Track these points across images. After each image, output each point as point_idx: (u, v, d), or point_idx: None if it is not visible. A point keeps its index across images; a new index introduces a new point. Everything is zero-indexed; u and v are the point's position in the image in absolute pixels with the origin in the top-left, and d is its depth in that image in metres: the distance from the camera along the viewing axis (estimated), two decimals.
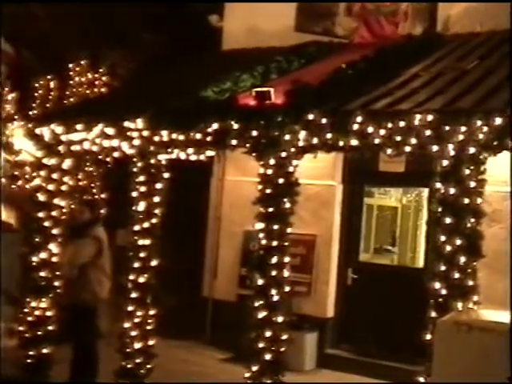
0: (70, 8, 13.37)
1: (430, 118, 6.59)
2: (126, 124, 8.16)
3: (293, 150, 7.38)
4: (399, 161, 8.73)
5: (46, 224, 8.67)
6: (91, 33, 13.37)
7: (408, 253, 9.93)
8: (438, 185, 6.64)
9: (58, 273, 8.62)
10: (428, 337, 6.37)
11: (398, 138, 6.77)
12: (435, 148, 6.64)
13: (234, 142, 7.60)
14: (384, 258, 9.93)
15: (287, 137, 7.27)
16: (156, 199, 8.29)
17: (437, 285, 6.53)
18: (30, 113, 12.60)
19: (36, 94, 13.09)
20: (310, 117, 7.12)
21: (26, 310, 8.68)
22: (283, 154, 7.35)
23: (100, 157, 9.03)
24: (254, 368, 7.29)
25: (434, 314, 6.45)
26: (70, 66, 12.91)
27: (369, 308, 9.42)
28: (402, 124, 6.71)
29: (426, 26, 9.66)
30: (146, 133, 8.08)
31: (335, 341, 9.78)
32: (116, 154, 8.59)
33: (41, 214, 8.68)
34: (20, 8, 13.29)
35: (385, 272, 9.60)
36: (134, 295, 8.19)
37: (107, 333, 8.72)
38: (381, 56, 8.55)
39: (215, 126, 7.59)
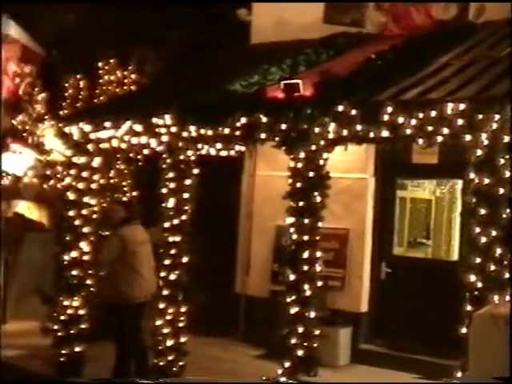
0: (97, 7, 13.39)
1: (462, 106, 6.47)
2: (155, 120, 8.14)
3: (323, 142, 7.30)
4: (432, 152, 8.58)
5: (77, 223, 8.68)
6: (119, 31, 13.36)
7: (442, 246, 9.77)
8: (472, 175, 6.53)
9: (89, 271, 8.64)
10: (464, 330, 6.25)
11: (430, 128, 6.67)
12: (468, 137, 6.53)
13: (262, 135, 7.55)
14: (418, 251, 9.78)
15: (317, 129, 7.19)
16: (186, 195, 8.27)
17: (472, 277, 6.43)
18: (61, 112, 12.63)
19: (66, 94, 13.13)
20: (340, 108, 7.05)
21: (59, 309, 8.71)
22: (313, 147, 7.27)
23: (130, 154, 9.03)
24: (287, 364, 7.23)
25: (469, 308, 6.36)
26: (99, 64, 12.94)
27: (403, 302, 9.29)
28: (433, 114, 6.61)
29: (458, 10, 9.47)
30: (174, 129, 8.06)
31: (369, 336, 9.66)
32: (145, 151, 8.59)
33: (71, 213, 8.69)
34: (48, 8, 13.33)
35: (419, 265, 9.46)
36: (165, 292, 8.17)
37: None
38: (410, 46, 8.43)
39: (244, 120, 7.54)
